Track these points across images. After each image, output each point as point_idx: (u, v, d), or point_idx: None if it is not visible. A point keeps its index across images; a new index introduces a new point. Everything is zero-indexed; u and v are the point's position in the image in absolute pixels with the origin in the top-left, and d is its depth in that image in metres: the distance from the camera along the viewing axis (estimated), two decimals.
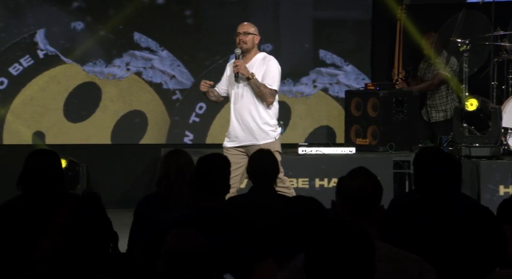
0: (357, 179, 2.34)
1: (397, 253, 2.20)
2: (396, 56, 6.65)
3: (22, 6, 6.57)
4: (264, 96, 4.94)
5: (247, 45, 4.97)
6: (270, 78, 4.95)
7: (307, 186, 6.18)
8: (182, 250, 2.25)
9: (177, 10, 6.86)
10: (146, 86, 6.87)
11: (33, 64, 6.65)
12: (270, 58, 5.04)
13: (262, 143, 4.94)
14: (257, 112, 4.96)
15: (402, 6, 6.67)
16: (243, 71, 4.91)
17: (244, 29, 5.01)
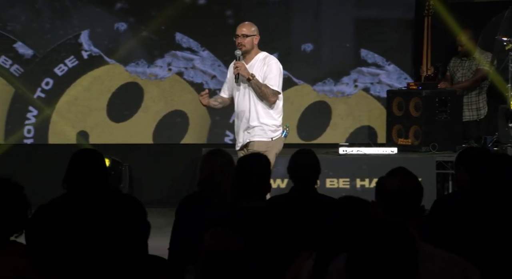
0: (396, 179, 2.32)
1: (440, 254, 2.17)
2: (424, 53, 6.57)
3: (67, 7, 6.69)
4: (265, 96, 4.92)
5: (245, 47, 4.97)
6: (271, 79, 4.93)
7: (348, 186, 6.14)
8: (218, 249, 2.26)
9: (218, 10, 6.89)
10: (188, 86, 6.93)
11: (78, 64, 6.76)
12: (270, 58, 5.02)
13: (256, 140, 4.93)
14: (255, 112, 4.95)
15: (429, 2, 6.58)
16: (243, 72, 4.91)
17: (242, 32, 5.00)
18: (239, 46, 4.96)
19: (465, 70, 6.65)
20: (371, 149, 6.32)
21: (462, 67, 6.66)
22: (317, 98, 7.08)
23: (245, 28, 5.00)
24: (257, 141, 4.88)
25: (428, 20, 6.55)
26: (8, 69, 6.65)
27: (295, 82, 7.06)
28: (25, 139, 6.73)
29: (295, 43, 7.03)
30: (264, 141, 4.91)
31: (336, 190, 6.00)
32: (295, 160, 3.74)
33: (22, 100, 6.68)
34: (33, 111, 6.71)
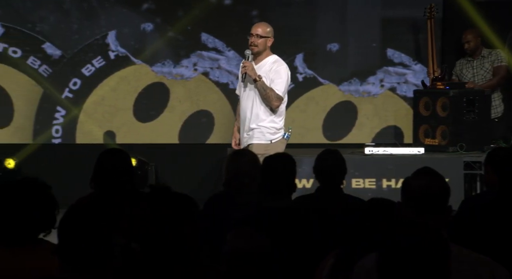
0: (422, 179, 2.30)
1: (468, 255, 2.15)
2: (430, 55, 6.53)
3: (95, 8, 6.75)
4: (269, 99, 4.88)
5: (258, 48, 4.93)
6: (278, 84, 4.89)
7: (374, 186, 6.11)
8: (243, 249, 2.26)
9: (244, 10, 6.90)
10: (213, 86, 6.94)
11: (105, 65, 6.82)
12: (280, 63, 4.97)
13: (255, 142, 4.90)
14: (256, 113, 4.93)
15: (431, 4, 6.54)
16: (250, 72, 4.88)
17: (257, 32, 4.94)
18: (251, 45, 4.92)
19: (477, 70, 6.57)
20: (398, 149, 6.28)
21: (472, 67, 6.59)
22: (342, 98, 7.05)
23: (260, 29, 4.95)
24: (256, 144, 4.87)
25: (431, 23, 6.51)
26: (36, 69, 6.73)
27: (320, 82, 7.04)
28: (53, 139, 6.80)
29: (321, 43, 7.01)
30: (263, 144, 4.88)
31: (362, 190, 5.97)
32: (321, 160, 3.73)
33: (50, 100, 6.75)
34: (61, 111, 6.78)
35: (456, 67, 6.68)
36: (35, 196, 2.34)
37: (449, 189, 2.31)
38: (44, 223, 2.35)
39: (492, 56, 6.55)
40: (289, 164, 3.20)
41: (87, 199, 3.34)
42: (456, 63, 6.69)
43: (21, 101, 6.72)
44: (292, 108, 7.04)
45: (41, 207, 2.34)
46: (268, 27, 5.00)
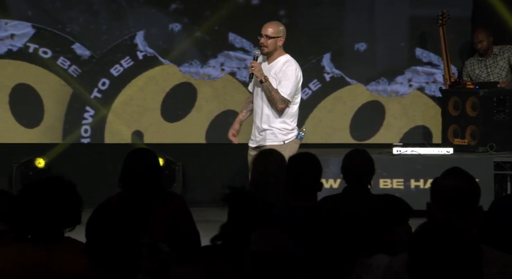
0: (452, 179, 2.27)
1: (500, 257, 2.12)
2: (444, 61, 6.48)
3: (124, 9, 6.81)
4: (274, 101, 4.84)
5: (267, 49, 4.87)
6: (284, 86, 4.84)
7: (402, 187, 6.07)
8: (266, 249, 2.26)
9: (272, 10, 6.90)
10: (240, 86, 6.95)
11: (133, 65, 6.87)
12: (290, 64, 4.89)
13: (268, 144, 4.85)
14: (266, 115, 4.89)
15: (443, 11, 6.47)
16: (257, 73, 4.84)
17: (266, 32, 4.86)
18: (261, 46, 4.87)
19: (491, 68, 6.49)
20: (426, 149, 6.22)
21: (486, 66, 6.51)
22: (370, 98, 7.01)
23: (270, 29, 4.87)
24: (269, 145, 4.84)
25: (443, 29, 6.45)
26: (66, 70, 6.80)
27: (348, 82, 7.01)
28: (82, 139, 6.87)
29: (348, 42, 6.98)
30: (276, 145, 4.83)
31: (389, 190, 5.93)
32: (348, 160, 3.71)
33: (80, 100, 6.82)
34: (90, 111, 6.85)
35: (467, 67, 6.61)
36: (61, 194, 2.37)
37: (479, 189, 2.28)
38: (69, 220, 2.38)
39: (504, 53, 6.47)
40: (315, 163, 3.19)
41: (115, 199, 3.37)
42: (466, 63, 6.62)
43: (51, 102, 6.79)
44: (319, 108, 7.02)
45: (66, 204, 2.37)
46: (280, 26, 4.94)
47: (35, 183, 2.43)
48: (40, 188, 2.38)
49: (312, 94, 7.00)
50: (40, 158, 6.57)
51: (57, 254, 2.35)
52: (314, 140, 6.96)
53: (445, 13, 6.48)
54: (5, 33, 6.69)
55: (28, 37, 6.70)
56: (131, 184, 3.38)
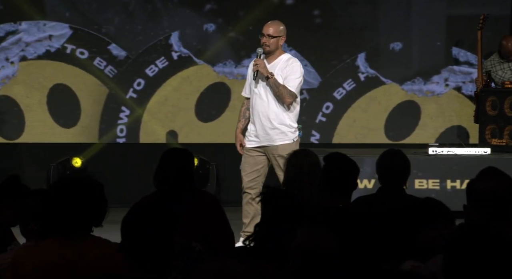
0: (488, 180, 2.23)
1: None
2: (479, 65, 6.38)
3: (159, 9, 6.86)
4: (282, 96, 4.83)
5: (269, 48, 4.88)
6: (291, 80, 4.84)
7: (438, 187, 5.99)
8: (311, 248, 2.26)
9: (306, 10, 6.88)
10: None
11: (168, 65, 6.92)
12: (294, 61, 4.92)
13: (279, 143, 4.85)
14: (275, 113, 4.87)
15: (484, 15, 6.36)
16: (262, 70, 4.84)
17: (268, 32, 4.89)
18: (263, 45, 4.89)
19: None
20: (463, 149, 6.14)
21: (510, 69, 6.40)
22: (405, 97, 6.94)
23: (272, 28, 4.90)
24: (281, 145, 4.84)
25: (481, 33, 6.35)
26: (102, 70, 6.88)
27: (383, 82, 6.95)
28: (118, 138, 6.94)
29: (384, 42, 6.92)
30: (288, 143, 4.85)
31: (425, 191, 5.87)
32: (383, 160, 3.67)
33: (116, 100, 6.89)
34: (125, 111, 6.92)
35: (487, 66, 6.50)
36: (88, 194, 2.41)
37: None
38: (95, 220, 2.43)
39: None
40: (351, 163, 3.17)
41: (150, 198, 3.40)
42: (487, 62, 6.50)
43: (87, 102, 6.88)
44: (353, 108, 6.98)
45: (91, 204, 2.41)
46: (281, 26, 4.96)
47: (63, 181, 2.51)
48: (67, 187, 2.43)
49: (347, 94, 6.96)
50: (77, 158, 6.66)
51: (83, 251, 2.39)
52: (348, 140, 6.92)
53: (485, 16, 6.39)
54: (43, 34, 6.80)
55: (65, 38, 6.79)
56: (165, 183, 3.40)
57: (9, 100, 6.82)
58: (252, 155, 4.93)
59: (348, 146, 6.55)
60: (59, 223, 2.40)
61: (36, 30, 6.77)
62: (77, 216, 2.39)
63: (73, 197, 2.40)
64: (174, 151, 3.61)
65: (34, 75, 6.81)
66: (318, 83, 6.94)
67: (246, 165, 4.94)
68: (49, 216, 2.42)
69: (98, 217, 2.43)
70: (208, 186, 6.59)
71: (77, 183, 2.44)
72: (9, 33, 6.75)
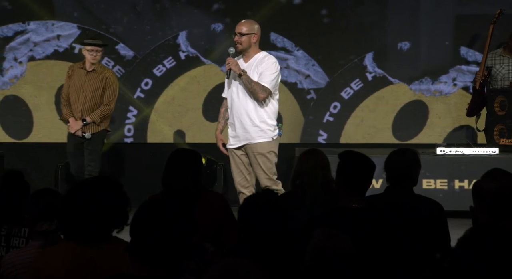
0: (493, 181, 2.22)
1: None
2: (483, 60, 6.35)
3: (167, 9, 6.87)
4: (255, 92, 4.83)
5: (242, 46, 4.89)
6: (266, 76, 4.85)
7: (445, 187, 5.97)
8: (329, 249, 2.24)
9: (314, 10, 6.87)
10: (281, 85, 6.91)
11: (175, 65, 6.93)
12: (269, 58, 4.93)
13: (258, 141, 4.84)
14: (254, 111, 4.87)
15: (500, 10, 6.33)
16: (234, 67, 4.84)
17: (239, 30, 4.91)
18: (236, 44, 4.90)
19: None
20: (471, 149, 6.11)
21: (508, 64, 6.37)
22: (413, 97, 6.92)
23: (244, 27, 4.92)
24: (260, 143, 4.83)
25: (493, 28, 6.32)
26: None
27: (390, 81, 6.94)
28: (125, 138, 6.96)
29: (391, 41, 6.90)
30: (267, 141, 4.86)
31: (433, 191, 5.85)
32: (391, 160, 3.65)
33: (123, 100, 6.91)
34: (133, 111, 6.93)
35: (488, 60, 6.47)
36: (108, 194, 2.38)
37: None
38: (117, 220, 2.40)
39: None
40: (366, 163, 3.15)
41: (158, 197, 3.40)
42: (489, 56, 6.47)
43: None
44: (361, 108, 6.96)
45: (114, 204, 2.39)
46: (254, 25, 4.96)
47: (82, 182, 2.45)
48: (88, 188, 2.40)
49: (354, 93, 6.95)
50: None
51: (104, 254, 2.36)
52: (356, 140, 6.91)
53: (501, 11, 6.36)
54: (51, 34, 6.82)
55: (73, 38, 6.81)
56: (174, 183, 3.41)
57: (18, 100, 6.85)
58: (237, 154, 4.94)
59: (355, 145, 6.53)
60: (81, 225, 2.37)
61: (44, 30, 6.79)
62: (99, 218, 2.36)
63: (92, 198, 2.36)
64: (182, 151, 3.61)
65: (42, 75, 6.84)
66: (325, 83, 6.94)
67: (234, 166, 4.96)
68: (68, 218, 2.39)
69: (120, 218, 2.39)
70: (216, 186, 6.59)
71: (96, 184, 2.40)
72: (17, 33, 6.77)
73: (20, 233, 3.11)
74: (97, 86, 5.91)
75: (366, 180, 3.03)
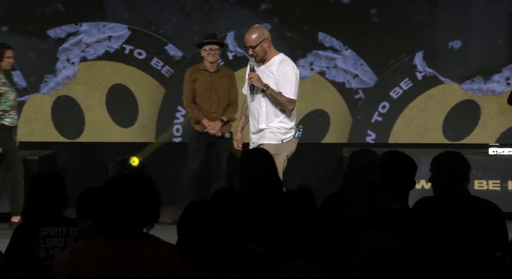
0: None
1: None
2: None
3: (215, 10, 6.91)
4: (282, 105, 4.76)
5: (258, 57, 4.80)
6: (286, 87, 4.75)
7: (498, 188, 5.84)
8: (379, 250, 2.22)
9: (363, 9, 6.81)
10: (329, 85, 6.91)
11: (223, 65, 6.93)
12: (286, 64, 4.80)
13: (265, 142, 4.75)
14: (265, 114, 4.79)
15: None
16: (256, 83, 4.76)
17: (249, 44, 4.78)
18: (252, 56, 4.82)
19: None
20: None
21: None
22: (464, 97, 6.79)
23: (251, 38, 4.78)
24: (266, 144, 4.75)
25: None
26: (159, 70, 6.97)
27: (441, 81, 6.82)
28: (174, 138, 7.02)
29: (442, 40, 6.79)
30: (273, 144, 4.77)
31: (485, 192, 5.73)
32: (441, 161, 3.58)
33: (172, 100, 6.97)
34: (181, 111, 6.99)
35: None
36: (140, 191, 2.38)
37: None
38: (149, 218, 2.40)
39: None
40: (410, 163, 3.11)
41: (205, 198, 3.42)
42: None
43: (145, 102, 6.98)
44: (410, 108, 6.87)
45: (145, 202, 2.39)
46: (259, 30, 4.83)
47: (117, 180, 2.46)
48: (121, 185, 2.40)
49: (403, 93, 6.86)
50: (135, 157, 6.76)
51: (136, 251, 2.37)
52: (405, 140, 6.82)
53: None
54: (103, 35, 6.94)
55: (124, 39, 6.91)
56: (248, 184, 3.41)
57: (70, 100, 6.99)
58: None
59: (404, 145, 6.45)
60: (113, 222, 2.38)
61: (96, 31, 6.91)
62: (131, 215, 2.36)
63: (123, 195, 2.37)
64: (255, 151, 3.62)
65: (94, 76, 6.96)
66: (374, 82, 6.86)
67: None
68: (103, 215, 2.40)
69: (151, 216, 2.40)
70: None
71: (128, 181, 2.41)
72: (70, 35, 6.91)
73: (58, 233, 3.17)
74: (226, 85, 5.98)
75: (409, 181, 2.98)
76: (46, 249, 3.15)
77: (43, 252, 3.15)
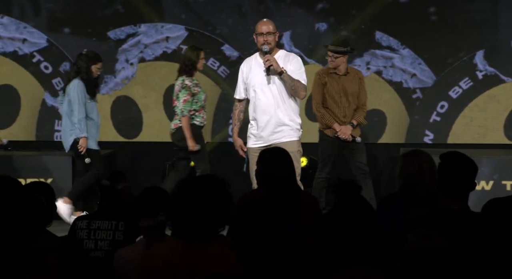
0: None
1: None
2: None
3: (271, 9, 6.92)
4: (297, 89, 4.75)
5: (271, 45, 4.82)
6: (299, 74, 4.77)
7: None
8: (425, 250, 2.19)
9: (421, 8, 6.71)
10: (386, 85, 6.82)
11: None
12: (294, 55, 4.87)
13: (287, 140, 4.72)
14: (283, 109, 4.76)
15: None
16: (275, 65, 4.75)
17: (268, 29, 4.85)
18: (265, 44, 4.85)
19: None
20: None
21: None
22: None
23: (270, 26, 4.91)
24: (289, 141, 4.73)
25: None
26: (215, 70, 7.03)
27: (502, 80, 6.66)
28: (229, 137, 7.06)
29: (503, 38, 6.62)
30: (295, 141, 4.78)
31: None
32: None
33: (228, 100, 7.01)
34: None
35: None
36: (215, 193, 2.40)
37: None
38: (222, 218, 2.42)
39: None
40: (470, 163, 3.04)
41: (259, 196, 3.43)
42: None
43: None
44: (470, 108, 6.72)
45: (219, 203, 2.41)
46: (273, 24, 4.98)
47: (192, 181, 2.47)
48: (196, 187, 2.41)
49: (463, 92, 6.72)
50: None
51: (209, 252, 2.38)
52: (465, 140, 6.68)
53: None
54: (160, 36, 7.04)
55: (181, 40, 7.00)
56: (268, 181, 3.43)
57: (129, 100, 7.11)
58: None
59: (464, 146, 6.32)
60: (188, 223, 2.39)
61: (154, 32, 7.02)
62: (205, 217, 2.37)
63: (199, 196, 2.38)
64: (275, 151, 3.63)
65: (152, 76, 7.07)
66: (432, 82, 6.75)
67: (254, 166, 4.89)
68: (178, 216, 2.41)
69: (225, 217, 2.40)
70: None
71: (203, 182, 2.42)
72: (129, 36, 7.03)
73: (108, 227, 3.25)
74: (356, 88, 5.86)
75: (468, 182, 2.91)
76: (95, 240, 3.24)
77: (92, 243, 3.24)
